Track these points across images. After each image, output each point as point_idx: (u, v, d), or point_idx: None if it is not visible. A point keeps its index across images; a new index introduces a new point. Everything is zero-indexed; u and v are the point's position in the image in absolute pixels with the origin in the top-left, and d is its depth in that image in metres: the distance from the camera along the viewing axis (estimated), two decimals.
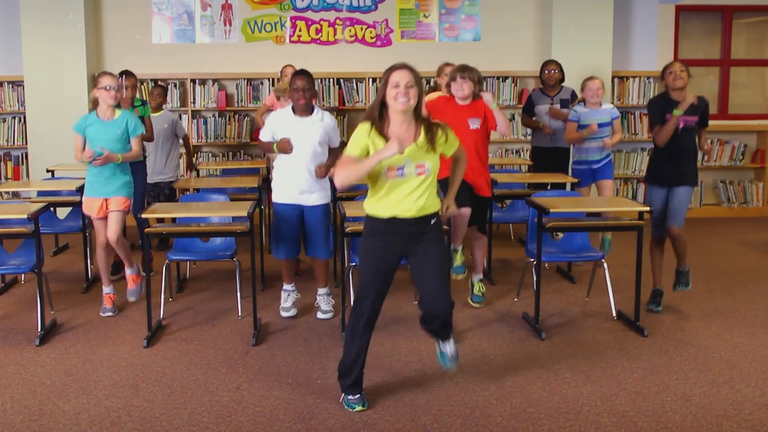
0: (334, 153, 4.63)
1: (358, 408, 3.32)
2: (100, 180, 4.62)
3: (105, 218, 4.66)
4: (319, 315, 4.68)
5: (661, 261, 4.79)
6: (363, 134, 3.18)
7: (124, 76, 5.60)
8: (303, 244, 4.68)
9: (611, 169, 5.85)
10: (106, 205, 4.64)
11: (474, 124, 4.59)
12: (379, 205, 3.20)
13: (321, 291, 4.72)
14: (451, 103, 4.66)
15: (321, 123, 4.49)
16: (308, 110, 4.47)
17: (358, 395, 3.37)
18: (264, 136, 4.58)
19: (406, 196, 3.15)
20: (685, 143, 4.60)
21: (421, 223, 3.20)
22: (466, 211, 4.58)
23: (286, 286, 4.70)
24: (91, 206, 4.67)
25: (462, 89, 4.56)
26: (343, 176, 3.15)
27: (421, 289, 3.33)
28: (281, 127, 4.47)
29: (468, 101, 4.62)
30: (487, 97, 4.59)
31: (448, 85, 4.67)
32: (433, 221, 3.24)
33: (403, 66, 3.15)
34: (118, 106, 4.69)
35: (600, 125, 5.61)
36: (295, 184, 4.48)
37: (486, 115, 4.62)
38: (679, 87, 4.53)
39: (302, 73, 4.45)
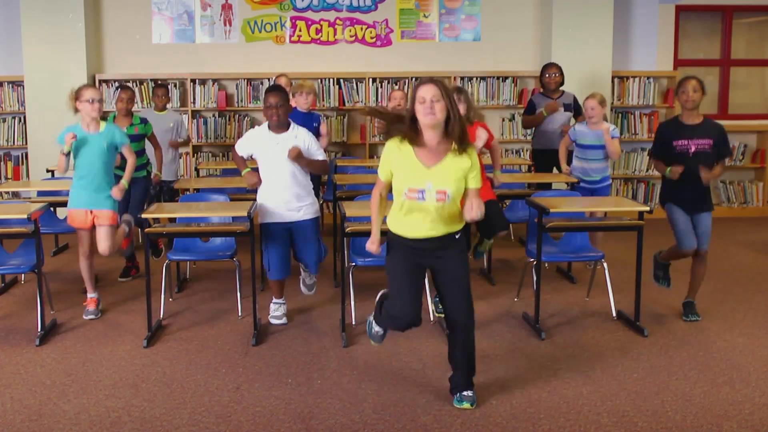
0: (320, 164, 4.49)
1: (373, 342, 3.57)
2: (87, 192, 4.58)
3: (90, 229, 4.63)
4: (303, 289, 4.74)
5: (679, 258, 4.70)
6: (390, 153, 3.25)
7: (120, 90, 5.53)
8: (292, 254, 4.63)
9: (608, 192, 5.74)
10: (92, 216, 4.60)
11: (480, 142, 4.56)
12: (401, 224, 3.28)
13: (304, 271, 4.73)
14: None
15: (295, 141, 4.36)
16: (284, 126, 4.38)
17: (382, 331, 3.54)
18: (240, 149, 4.50)
19: (425, 219, 3.21)
20: (697, 167, 4.40)
21: (443, 240, 3.27)
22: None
23: (276, 300, 4.65)
24: (76, 218, 4.62)
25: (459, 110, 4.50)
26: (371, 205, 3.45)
27: (444, 301, 3.36)
28: (258, 146, 4.41)
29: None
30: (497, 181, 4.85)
31: None
32: (457, 236, 3.29)
33: (429, 80, 3.18)
34: (104, 118, 4.67)
35: (599, 146, 5.49)
36: (280, 203, 4.41)
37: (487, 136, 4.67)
38: (690, 108, 4.41)
39: (275, 90, 4.36)
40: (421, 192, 3.16)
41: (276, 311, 4.62)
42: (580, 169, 5.65)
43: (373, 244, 3.39)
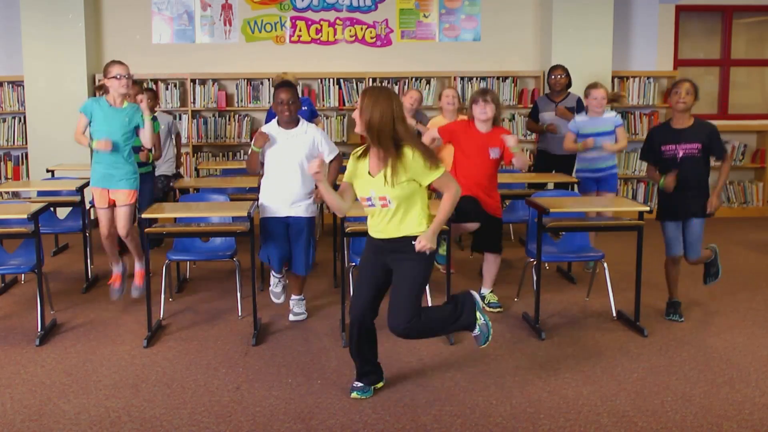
0: (334, 165, 4.51)
1: (354, 395, 3.45)
2: (105, 169, 4.59)
3: (109, 208, 4.65)
4: (291, 317, 4.64)
5: (677, 276, 4.66)
6: (351, 160, 3.41)
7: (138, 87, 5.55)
8: None
9: (614, 181, 5.74)
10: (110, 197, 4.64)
11: (494, 153, 4.65)
12: (369, 225, 3.42)
13: (294, 297, 4.69)
14: (471, 128, 4.71)
15: (305, 136, 4.39)
16: (293, 122, 4.40)
17: (361, 384, 3.49)
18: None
19: (381, 221, 3.32)
20: (687, 172, 4.40)
21: (401, 242, 3.30)
22: (473, 225, 4.70)
23: (275, 273, 4.68)
24: (95, 196, 4.66)
25: (485, 112, 4.61)
26: None
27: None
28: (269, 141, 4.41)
29: (488, 125, 4.67)
30: (511, 142, 4.55)
31: (470, 107, 4.72)
32: (414, 242, 3.27)
33: (366, 89, 3.27)
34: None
35: (603, 134, 5.50)
36: (283, 198, 4.41)
37: (504, 147, 4.63)
38: (680, 111, 4.39)
39: (285, 86, 4.37)
40: (369, 199, 3.29)
41: (275, 287, 4.67)
42: (589, 159, 5.63)
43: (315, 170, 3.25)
